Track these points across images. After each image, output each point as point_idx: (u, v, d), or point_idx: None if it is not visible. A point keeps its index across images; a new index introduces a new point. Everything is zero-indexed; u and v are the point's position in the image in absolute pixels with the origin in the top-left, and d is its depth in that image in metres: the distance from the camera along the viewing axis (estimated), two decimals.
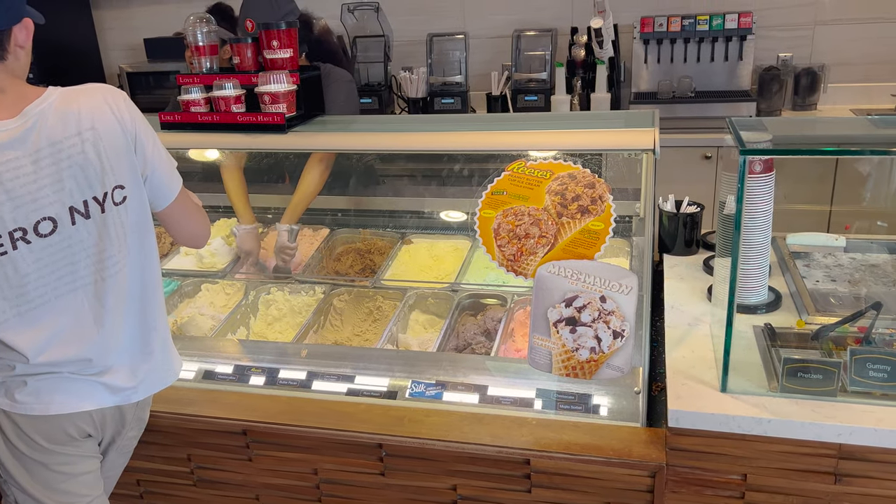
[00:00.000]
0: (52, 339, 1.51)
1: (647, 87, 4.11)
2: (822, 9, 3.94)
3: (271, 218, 2.74)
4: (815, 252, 2.21)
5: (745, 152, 1.42)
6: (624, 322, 1.65)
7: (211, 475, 1.88)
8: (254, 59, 2.16)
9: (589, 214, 1.75)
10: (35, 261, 1.47)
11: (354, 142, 2.08)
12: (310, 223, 2.76)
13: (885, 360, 1.48)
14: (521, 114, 3.96)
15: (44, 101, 1.44)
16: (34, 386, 1.52)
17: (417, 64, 4.32)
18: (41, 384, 1.52)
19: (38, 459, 1.55)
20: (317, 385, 1.88)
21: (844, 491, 1.49)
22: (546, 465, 1.61)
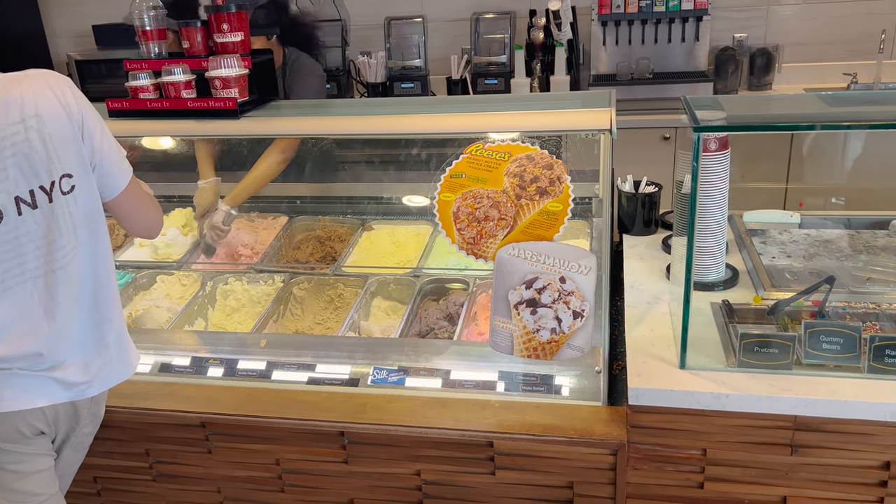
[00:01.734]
0: (1, 334, 1.46)
1: (606, 69, 4.13)
2: None
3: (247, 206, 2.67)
4: (771, 229, 2.24)
5: (699, 129, 1.42)
6: (583, 302, 1.65)
7: (170, 469, 1.85)
8: (204, 44, 2.10)
9: (547, 196, 1.75)
10: None
11: (310, 126, 2.04)
12: (268, 211, 2.72)
13: (837, 332, 1.51)
14: (478, 96, 3.94)
15: None
16: None
17: (376, 48, 4.27)
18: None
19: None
20: (277, 375, 1.85)
21: (801, 462, 1.52)
22: (509, 447, 1.61)
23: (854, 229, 2.20)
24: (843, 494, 1.53)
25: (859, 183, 3.43)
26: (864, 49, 3.93)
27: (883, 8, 3.92)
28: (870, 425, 1.45)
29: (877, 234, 2.17)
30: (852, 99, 2.52)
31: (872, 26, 3.92)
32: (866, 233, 2.18)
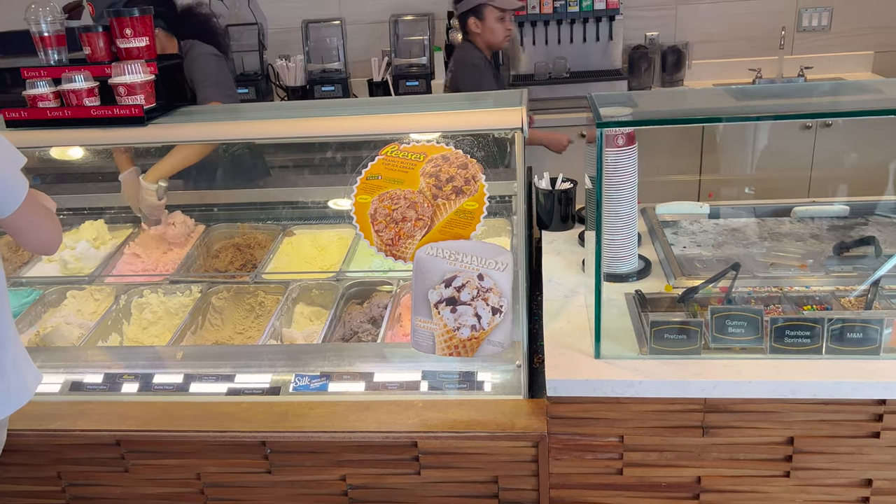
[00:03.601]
0: None
1: (525, 69, 4.20)
2: None
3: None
4: (683, 220, 2.32)
5: (601, 125, 1.46)
6: (501, 298, 1.68)
7: (85, 491, 1.77)
8: (106, 50, 2.03)
9: (463, 195, 1.76)
10: None
11: (223, 132, 2.00)
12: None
13: (742, 316, 1.58)
14: (393, 97, 3.95)
15: None
16: None
17: (294, 52, 4.22)
18: None
19: None
20: (195, 387, 1.81)
21: (712, 442, 1.58)
22: (433, 446, 1.62)
23: (759, 217, 2.30)
24: (752, 471, 1.60)
25: (765, 173, 3.60)
26: (767, 46, 4.12)
27: (782, 6, 4.12)
28: (773, 403, 1.52)
29: (780, 221, 2.27)
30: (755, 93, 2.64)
31: (774, 24, 4.11)
32: (770, 220, 2.28)
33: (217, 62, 2.64)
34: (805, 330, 1.55)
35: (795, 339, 1.56)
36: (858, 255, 1.99)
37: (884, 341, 1.53)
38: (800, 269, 1.94)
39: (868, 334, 1.53)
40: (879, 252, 1.96)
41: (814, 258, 1.99)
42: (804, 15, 4.10)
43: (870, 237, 2.02)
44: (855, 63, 4.15)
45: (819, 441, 1.55)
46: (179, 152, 2.43)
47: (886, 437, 1.52)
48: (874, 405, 1.50)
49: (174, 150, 2.43)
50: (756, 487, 1.61)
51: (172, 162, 2.43)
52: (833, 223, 2.21)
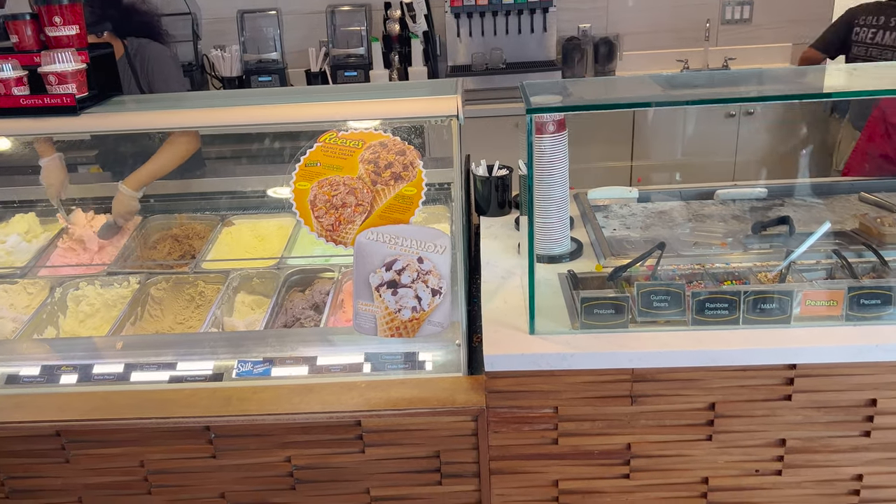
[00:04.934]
0: None
1: (462, 59, 4.26)
2: None
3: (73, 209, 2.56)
4: (613, 204, 2.42)
5: (530, 111, 1.53)
6: (441, 280, 1.73)
7: (25, 484, 1.75)
8: (35, 38, 1.99)
9: (402, 180, 1.81)
10: None
11: (158, 121, 1.99)
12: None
13: (665, 291, 1.68)
14: (331, 86, 3.96)
15: None
16: None
17: (230, 42, 4.18)
18: None
19: None
20: (136, 376, 1.80)
21: (640, 410, 1.67)
22: (376, 424, 1.67)
23: (685, 200, 2.42)
24: (678, 436, 1.70)
25: (692, 159, 3.77)
26: (693, 37, 4.29)
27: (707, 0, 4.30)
28: (696, 371, 1.62)
29: (704, 203, 2.39)
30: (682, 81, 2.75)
31: (699, 16, 4.28)
32: (695, 203, 2.40)
33: (175, 63, 2.66)
34: (724, 302, 1.66)
35: (715, 312, 1.66)
36: (775, 233, 2.12)
37: (794, 312, 1.65)
38: (721, 248, 2.05)
39: (781, 305, 1.65)
40: (793, 230, 2.09)
41: (734, 237, 2.12)
42: (727, 8, 4.28)
43: (785, 217, 2.15)
44: (774, 54, 4.36)
45: (738, 405, 1.66)
46: (160, 158, 2.47)
47: (798, 399, 1.64)
48: (786, 370, 1.61)
49: (155, 157, 2.47)
50: (682, 451, 1.71)
51: (153, 168, 2.46)
52: (753, 205, 2.35)
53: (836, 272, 1.85)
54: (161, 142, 2.56)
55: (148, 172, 2.47)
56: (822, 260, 1.89)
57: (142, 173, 2.46)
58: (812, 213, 2.26)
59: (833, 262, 1.87)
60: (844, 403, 1.65)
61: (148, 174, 2.47)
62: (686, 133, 3.87)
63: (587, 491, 1.77)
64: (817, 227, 1.95)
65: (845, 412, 1.66)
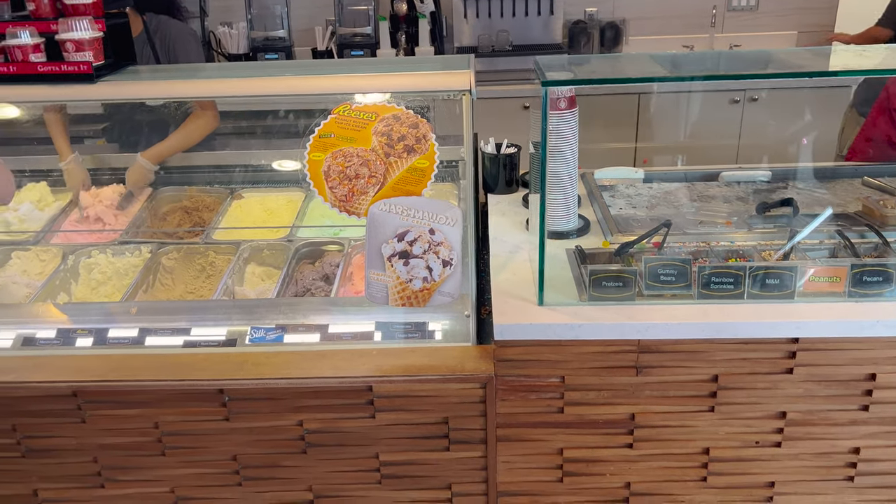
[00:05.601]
0: None
1: (468, 41, 4.27)
2: None
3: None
4: (620, 184, 2.45)
5: (545, 83, 1.55)
6: (452, 251, 1.76)
7: (41, 443, 1.79)
8: (51, 6, 2.01)
9: (414, 153, 1.83)
10: None
11: (173, 90, 2.01)
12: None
13: (672, 265, 1.71)
14: (342, 59, 3.97)
15: None
16: None
17: (237, 19, 4.18)
18: None
19: None
20: (151, 341, 1.84)
21: (644, 381, 1.71)
22: (387, 389, 1.70)
23: (690, 182, 2.45)
24: (681, 407, 1.74)
25: (697, 142, 3.79)
26: (699, 23, 4.31)
27: None
28: (700, 343, 1.66)
29: (709, 185, 2.43)
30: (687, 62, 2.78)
31: (705, 3, 4.29)
32: (700, 184, 2.43)
33: (196, 41, 2.71)
34: (729, 277, 1.69)
35: (720, 286, 1.70)
36: (778, 214, 2.15)
37: (798, 287, 1.69)
38: (725, 227, 2.09)
39: (784, 281, 1.68)
40: (797, 211, 2.12)
41: (738, 217, 2.15)
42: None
43: (789, 199, 2.19)
44: (780, 42, 4.38)
45: (740, 378, 1.70)
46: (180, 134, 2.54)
47: (799, 372, 1.68)
48: (788, 343, 1.65)
49: (175, 132, 2.54)
50: (684, 422, 1.76)
51: (172, 143, 2.54)
52: (757, 187, 2.38)
53: (839, 252, 1.88)
54: (175, 112, 2.59)
55: (167, 147, 2.54)
56: (825, 240, 1.92)
57: (161, 147, 2.52)
58: (815, 197, 2.30)
59: (836, 242, 1.90)
60: (844, 377, 1.69)
61: (167, 148, 2.54)
62: (690, 117, 3.89)
63: (591, 459, 1.81)
64: (821, 210, 1.98)
65: (845, 386, 1.70)
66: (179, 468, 1.83)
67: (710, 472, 1.82)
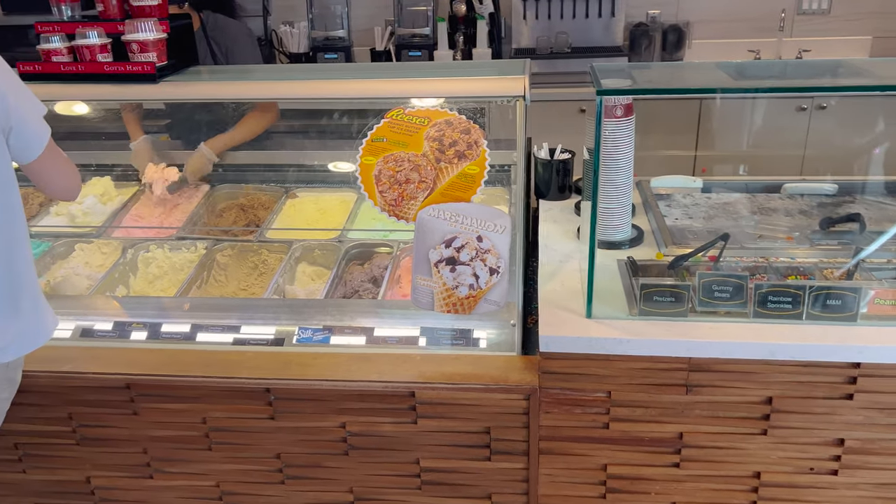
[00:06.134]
0: None
1: (527, 42, 4.23)
2: None
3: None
4: (676, 193, 2.39)
5: (601, 92, 1.52)
6: (499, 259, 1.75)
7: (94, 432, 1.85)
8: (119, 7, 2.07)
9: (465, 159, 1.82)
10: None
11: (231, 91, 2.05)
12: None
13: (728, 282, 1.65)
14: (399, 63, 3.99)
15: None
16: None
17: (298, 18, 4.24)
18: None
19: None
20: (201, 337, 1.88)
21: (694, 400, 1.66)
22: (430, 396, 1.70)
23: (751, 193, 2.37)
24: (732, 428, 1.68)
25: (759, 151, 3.67)
26: (767, 27, 4.16)
27: None
28: (754, 364, 1.60)
29: (770, 196, 2.34)
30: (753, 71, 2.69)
31: (774, 5, 4.15)
32: (761, 196, 2.35)
33: (253, 41, 2.77)
34: (787, 296, 1.63)
35: (778, 305, 1.63)
36: (844, 230, 2.06)
37: (861, 309, 1.61)
38: (786, 242, 2.01)
39: (846, 302, 1.61)
40: (864, 228, 2.03)
41: (800, 232, 2.07)
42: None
43: (856, 214, 2.09)
44: (853, 48, 4.20)
45: (796, 401, 1.63)
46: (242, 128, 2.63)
47: (859, 398, 1.61)
48: (849, 368, 1.58)
49: (237, 126, 2.63)
50: (735, 444, 1.70)
51: (234, 136, 2.62)
52: (822, 200, 2.28)
53: None
54: (234, 112, 2.65)
55: (229, 138, 2.62)
56: (893, 259, 1.83)
57: (224, 139, 2.61)
58: (885, 212, 2.19)
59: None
60: None
61: (230, 140, 2.62)
62: (754, 125, 3.77)
63: (635, 477, 1.77)
64: (889, 227, 1.89)
65: None
66: (225, 463, 1.86)
67: (760, 497, 1.76)
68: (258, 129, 2.70)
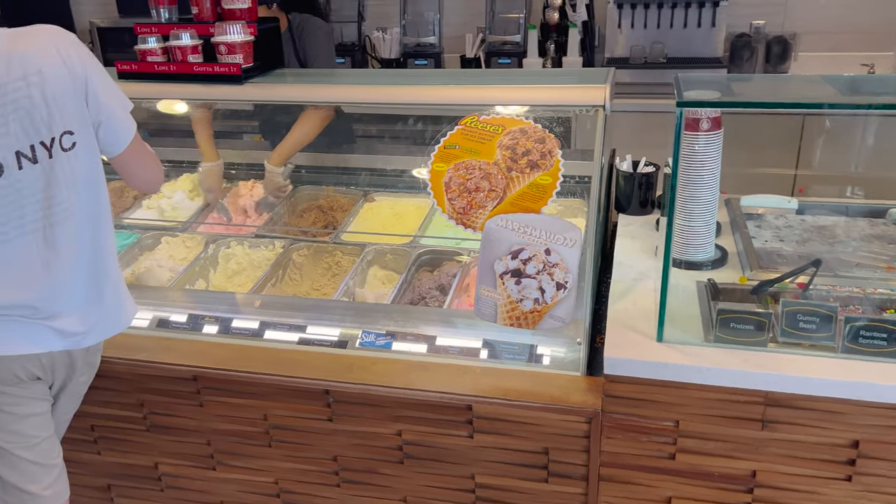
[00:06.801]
0: (1, 284, 1.52)
1: (621, 52, 4.11)
2: None
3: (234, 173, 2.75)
4: (768, 213, 2.25)
5: (681, 104, 1.44)
6: (567, 274, 1.68)
7: (163, 421, 1.91)
8: (212, 10, 2.14)
9: (538, 169, 1.77)
10: None
11: (312, 94, 2.09)
12: None
13: (815, 312, 1.53)
14: (475, 70, 3.96)
15: None
16: None
17: (391, 24, 4.29)
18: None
19: None
20: (269, 334, 1.91)
21: (771, 437, 1.54)
22: (486, 411, 1.65)
23: (851, 217, 2.20)
24: (811, 471, 1.55)
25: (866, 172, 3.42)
26: (882, 40, 3.88)
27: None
28: (840, 404, 1.47)
29: (874, 221, 2.17)
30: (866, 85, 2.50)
31: (890, 17, 3.86)
32: (862, 220, 2.18)
33: (329, 38, 2.77)
34: (883, 332, 1.49)
35: (871, 341, 1.50)
36: None
37: None
38: (887, 272, 1.85)
39: None
40: None
41: None
42: None
43: None
44: None
45: (887, 447, 1.49)
46: (296, 132, 2.57)
47: None
48: None
49: (292, 131, 2.57)
50: (815, 488, 1.57)
51: (292, 142, 2.57)
52: None
53: None
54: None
55: (288, 146, 2.57)
56: None
57: (283, 148, 2.56)
58: None
59: None
60: None
61: (288, 148, 2.57)
62: (862, 145, 3.51)
63: None
64: None
65: None
66: (284, 461, 1.88)
67: None
68: (316, 131, 2.60)
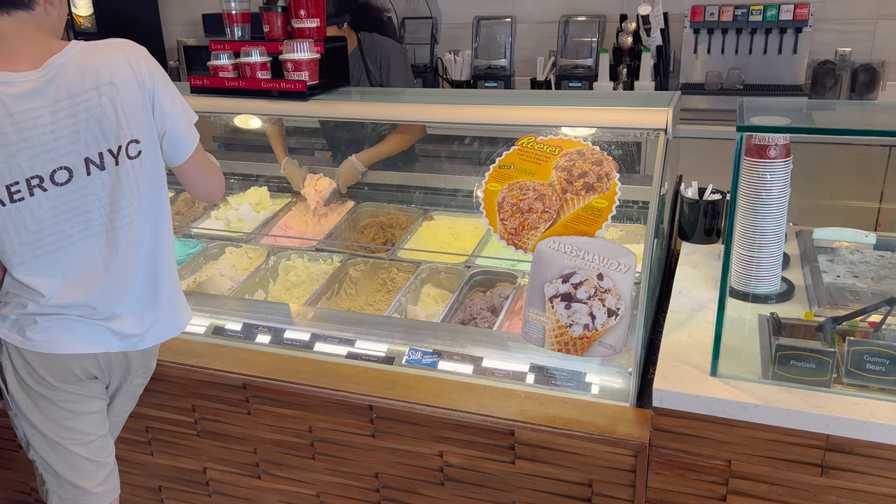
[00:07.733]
0: (64, 283, 1.59)
1: (697, 78, 4.02)
2: (885, 1, 3.76)
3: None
4: (843, 247, 2.13)
5: (741, 129, 1.38)
6: (619, 301, 1.64)
7: (213, 426, 1.95)
8: (283, 28, 2.21)
9: (594, 192, 1.74)
10: (51, 208, 1.54)
11: (374, 112, 2.11)
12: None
13: (884, 353, 1.43)
14: (536, 91, 3.94)
15: (65, 54, 1.51)
16: (44, 325, 1.60)
17: (463, 47, 4.32)
18: (50, 324, 1.60)
19: (45, 395, 1.64)
20: (319, 347, 1.92)
21: (830, 484, 1.44)
22: (530, 438, 1.61)
23: None
24: None
25: None
26: None
27: None
28: None
29: None
30: None
31: None
32: None
33: (403, 58, 2.88)
34: None
35: None
36: None
37: None
38: None
39: None
40: None
41: None
42: None
43: None
44: None
45: None
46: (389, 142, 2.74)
47: None
48: None
49: (385, 140, 2.74)
50: None
51: (382, 150, 2.74)
52: None
53: None
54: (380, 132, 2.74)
55: (378, 152, 2.73)
56: None
57: (373, 152, 2.72)
58: None
59: None
60: None
61: (377, 153, 2.73)
62: None
63: None
64: None
65: None
66: (326, 475, 1.88)
67: None
68: (405, 145, 2.79)
